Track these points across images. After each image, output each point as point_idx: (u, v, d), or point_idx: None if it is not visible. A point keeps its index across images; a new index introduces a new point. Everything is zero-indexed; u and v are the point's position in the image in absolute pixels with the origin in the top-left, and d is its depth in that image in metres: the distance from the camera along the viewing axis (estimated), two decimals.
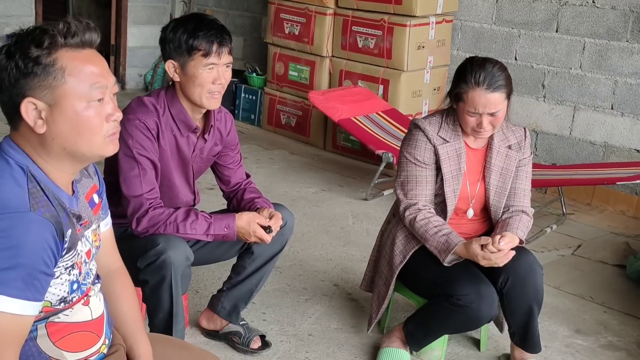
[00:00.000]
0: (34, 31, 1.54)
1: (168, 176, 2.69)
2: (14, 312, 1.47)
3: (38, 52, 1.51)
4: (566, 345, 3.22)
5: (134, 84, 7.62)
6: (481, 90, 2.63)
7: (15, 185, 1.51)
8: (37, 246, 1.48)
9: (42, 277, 1.50)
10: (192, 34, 2.52)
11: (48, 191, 1.56)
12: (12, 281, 1.46)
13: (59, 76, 1.52)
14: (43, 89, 1.52)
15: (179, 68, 2.56)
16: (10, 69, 1.52)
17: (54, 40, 1.52)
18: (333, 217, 4.55)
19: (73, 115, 1.54)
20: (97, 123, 1.58)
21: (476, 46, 5.71)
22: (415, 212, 2.77)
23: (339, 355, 3.00)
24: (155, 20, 7.53)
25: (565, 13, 5.24)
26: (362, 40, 5.77)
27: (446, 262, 2.71)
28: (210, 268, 3.44)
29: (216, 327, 3.00)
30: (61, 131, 1.55)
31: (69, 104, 1.54)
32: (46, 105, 1.53)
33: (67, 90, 1.53)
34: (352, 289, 3.57)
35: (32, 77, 1.51)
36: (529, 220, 2.84)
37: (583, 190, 5.18)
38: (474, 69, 2.65)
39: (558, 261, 4.15)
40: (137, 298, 1.95)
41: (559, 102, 5.35)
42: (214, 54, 2.53)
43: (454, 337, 3.14)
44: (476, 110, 2.65)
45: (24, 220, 1.47)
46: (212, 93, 2.58)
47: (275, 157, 5.75)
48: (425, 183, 2.80)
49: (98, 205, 1.79)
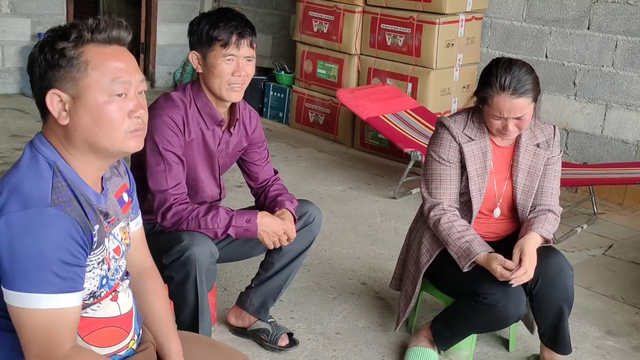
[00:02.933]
0: (65, 26, 1.59)
1: (194, 169, 2.70)
2: (57, 306, 1.51)
3: (64, 44, 1.56)
4: (597, 347, 3.18)
5: (163, 82, 7.67)
6: (506, 95, 2.58)
7: (41, 180, 1.54)
8: (62, 240, 1.50)
9: (73, 269, 1.53)
10: (213, 25, 2.56)
11: (74, 187, 1.58)
12: (46, 278, 1.49)
13: (82, 69, 1.56)
14: (67, 81, 1.56)
15: (201, 59, 2.60)
16: (40, 62, 1.57)
17: (80, 35, 1.57)
18: (361, 216, 4.54)
19: (94, 108, 1.57)
20: (118, 117, 1.59)
21: (506, 44, 5.66)
22: (440, 214, 2.75)
23: (367, 354, 2.99)
24: (185, 18, 7.56)
25: (597, 10, 5.18)
26: (390, 38, 5.75)
27: (465, 268, 2.69)
28: (238, 265, 3.45)
29: (244, 324, 3.00)
30: (83, 123, 1.58)
31: (91, 97, 1.57)
32: (70, 97, 1.57)
33: (89, 83, 1.57)
34: (380, 287, 3.55)
35: (57, 69, 1.56)
36: (555, 218, 2.80)
37: (614, 190, 5.11)
38: (499, 73, 2.59)
39: (589, 261, 4.10)
40: (167, 297, 1.96)
41: (591, 101, 5.28)
42: (232, 45, 2.55)
43: (483, 337, 3.11)
44: (501, 115, 2.62)
45: (43, 216, 1.49)
46: (232, 85, 2.59)
47: (303, 155, 5.75)
48: (450, 182, 2.78)
49: (128, 203, 1.81)
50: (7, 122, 5.97)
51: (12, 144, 5.37)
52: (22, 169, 1.57)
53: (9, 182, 1.54)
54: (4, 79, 6.79)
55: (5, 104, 6.48)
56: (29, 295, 1.49)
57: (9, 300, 1.51)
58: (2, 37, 6.68)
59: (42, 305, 1.50)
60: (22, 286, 1.49)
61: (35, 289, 1.49)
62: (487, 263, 2.64)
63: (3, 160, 4.99)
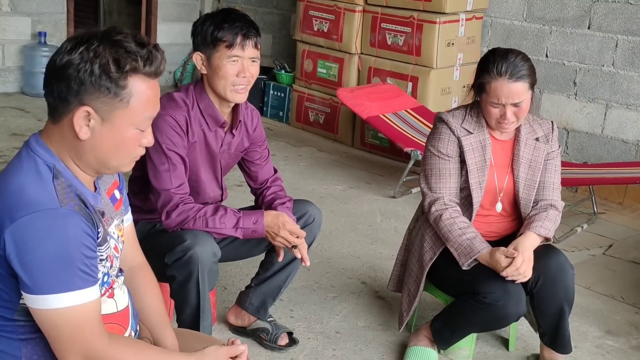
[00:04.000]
0: (116, 46, 1.54)
1: (196, 171, 2.70)
2: (88, 300, 1.53)
3: (118, 74, 1.52)
4: (597, 346, 3.18)
5: (164, 80, 7.65)
6: (504, 80, 2.61)
7: (42, 183, 1.53)
8: (80, 236, 1.51)
9: (92, 262, 1.55)
10: (218, 26, 2.54)
11: (74, 188, 1.58)
12: (75, 276, 1.50)
13: (125, 100, 1.55)
14: (104, 105, 1.54)
15: (205, 60, 2.59)
16: (82, 70, 1.52)
17: (135, 67, 1.54)
18: (361, 215, 4.54)
19: (119, 136, 1.58)
20: (133, 147, 1.63)
21: (506, 43, 5.65)
22: (442, 210, 2.75)
23: (366, 353, 2.99)
24: (185, 17, 7.57)
25: (598, 10, 5.17)
26: (391, 37, 5.75)
27: (465, 266, 2.69)
28: (238, 265, 3.45)
29: (244, 323, 3.00)
30: (102, 145, 1.58)
31: (122, 126, 1.57)
32: (99, 118, 1.55)
33: (125, 114, 1.56)
34: (380, 287, 3.55)
35: (100, 90, 1.53)
36: (556, 215, 2.80)
37: (615, 190, 5.11)
38: (496, 59, 2.64)
39: (589, 261, 4.10)
40: (160, 292, 1.97)
41: (591, 100, 5.28)
42: (237, 46, 2.54)
43: (482, 337, 3.11)
44: (499, 101, 2.63)
45: (59, 216, 1.50)
46: (237, 87, 2.58)
47: (303, 154, 5.75)
48: (449, 176, 2.78)
49: (119, 201, 1.82)
50: (7, 120, 5.97)
51: (12, 142, 5.37)
52: (20, 173, 1.55)
53: (9, 187, 1.53)
54: (4, 77, 6.79)
55: (6, 103, 6.48)
56: (61, 296, 1.50)
57: (37, 305, 1.50)
58: (2, 35, 6.67)
59: (76, 302, 1.51)
60: (52, 288, 1.49)
61: (66, 288, 1.50)
62: (491, 256, 2.64)
63: (3, 159, 4.99)
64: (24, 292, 1.51)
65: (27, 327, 1.58)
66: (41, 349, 1.60)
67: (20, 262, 1.48)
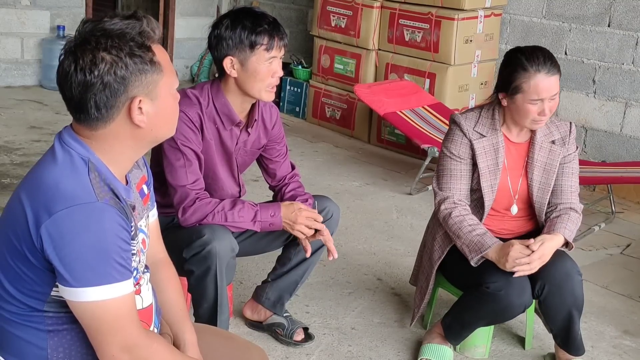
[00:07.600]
0: (118, 31, 1.54)
1: (212, 168, 2.70)
2: (123, 293, 1.54)
3: (145, 51, 1.55)
4: (614, 346, 3.17)
5: (181, 75, 7.68)
6: (543, 74, 2.61)
7: (78, 176, 1.54)
8: (116, 229, 1.53)
9: (127, 255, 1.56)
10: (253, 29, 2.53)
11: (109, 182, 1.58)
12: (112, 268, 1.52)
13: (159, 70, 1.58)
14: (148, 85, 1.57)
15: (238, 64, 2.56)
16: (118, 70, 1.52)
17: (151, 38, 1.59)
18: (377, 211, 4.54)
19: (167, 104, 1.63)
20: (177, 108, 1.68)
21: (525, 40, 5.62)
22: (451, 208, 2.75)
23: (382, 349, 2.99)
24: (202, 12, 7.59)
25: (618, 7, 5.13)
26: (408, 34, 5.73)
27: (474, 261, 2.69)
28: (254, 259, 3.46)
29: (260, 318, 3.01)
30: (159, 121, 1.62)
31: (166, 94, 1.61)
32: (149, 100, 1.58)
33: (165, 82, 1.60)
34: (396, 283, 3.55)
35: (142, 74, 1.55)
36: (578, 217, 2.80)
37: (633, 189, 5.07)
38: (530, 57, 2.63)
39: (606, 260, 4.08)
40: (181, 287, 1.98)
41: (610, 98, 5.24)
42: (275, 48, 2.56)
43: (499, 334, 3.11)
44: (539, 97, 2.62)
45: (96, 210, 1.51)
46: (272, 87, 2.60)
47: (320, 150, 5.75)
48: (460, 177, 2.78)
49: (147, 196, 1.83)
50: (26, 113, 6.01)
51: (31, 135, 5.41)
52: (55, 167, 1.55)
53: (45, 181, 1.53)
54: (23, 70, 6.84)
55: (24, 96, 6.52)
56: (100, 288, 1.51)
57: (76, 298, 1.51)
58: (21, 29, 6.72)
59: (114, 294, 1.52)
60: (90, 281, 1.50)
61: (104, 281, 1.51)
62: (502, 248, 2.63)
63: (22, 152, 5.02)
64: (62, 285, 1.51)
65: (56, 319, 1.59)
66: (67, 342, 1.61)
67: (58, 256, 1.48)
